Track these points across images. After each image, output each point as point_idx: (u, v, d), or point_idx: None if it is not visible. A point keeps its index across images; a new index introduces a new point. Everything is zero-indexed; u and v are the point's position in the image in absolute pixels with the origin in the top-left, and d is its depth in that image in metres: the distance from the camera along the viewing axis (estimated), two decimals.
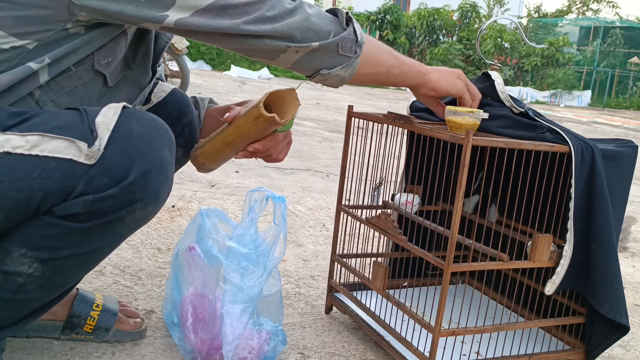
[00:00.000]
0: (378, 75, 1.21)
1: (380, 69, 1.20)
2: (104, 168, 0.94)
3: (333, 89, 13.11)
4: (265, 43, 1.06)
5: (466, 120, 1.24)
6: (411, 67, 1.26)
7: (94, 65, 1.06)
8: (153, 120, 1.03)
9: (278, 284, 1.34)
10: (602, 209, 1.28)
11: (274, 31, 1.05)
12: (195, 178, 3.02)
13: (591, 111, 16.55)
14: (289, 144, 1.29)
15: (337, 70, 1.13)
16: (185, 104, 1.36)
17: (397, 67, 1.23)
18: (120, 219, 0.99)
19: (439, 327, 1.23)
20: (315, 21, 1.08)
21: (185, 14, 0.99)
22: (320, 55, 1.10)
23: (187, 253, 1.34)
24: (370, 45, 1.17)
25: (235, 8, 1.01)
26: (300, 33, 1.07)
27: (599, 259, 1.29)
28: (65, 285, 1.07)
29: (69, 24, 0.98)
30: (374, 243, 1.74)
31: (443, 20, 19.92)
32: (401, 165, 1.60)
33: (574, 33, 23.51)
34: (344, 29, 1.12)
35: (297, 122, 6.17)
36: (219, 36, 1.04)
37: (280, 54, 1.08)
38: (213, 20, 1.01)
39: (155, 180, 0.99)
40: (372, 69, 1.19)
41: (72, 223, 0.96)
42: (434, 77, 1.29)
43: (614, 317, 1.31)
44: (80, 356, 1.26)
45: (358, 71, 1.16)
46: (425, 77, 1.28)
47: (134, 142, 0.97)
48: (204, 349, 1.24)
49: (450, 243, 1.19)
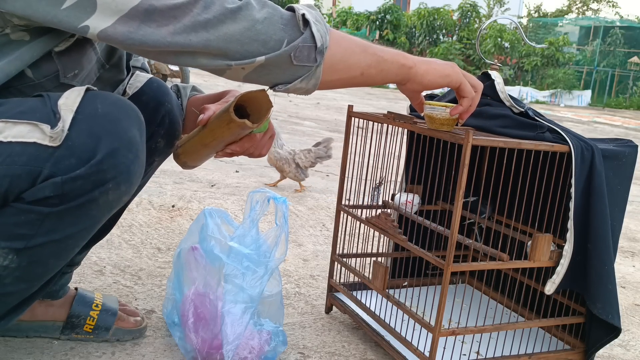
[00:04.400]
0: (352, 79, 1.06)
1: (353, 73, 1.05)
2: (69, 149, 0.92)
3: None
4: (200, 63, 0.93)
5: (442, 115, 1.24)
6: (392, 63, 1.10)
7: (60, 78, 1.02)
8: (119, 99, 1.00)
9: (279, 285, 1.34)
10: (599, 209, 1.28)
11: (207, 46, 0.90)
12: (195, 178, 3.02)
13: (591, 111, 16.55)
14: (271, 138, 1.22)
15: (296, 83, 0.98)
16: (163, 93, 1.29)
17: (375, 66, 1.07)
18: (94, 201, 0.96)
19: (439, 327, 1.23)
20: (262, 29, 0.92)
21: (108, 22, 0.88)
22: (272, 69, 0.95)
23: (190, 252, 1.34)
24: (337, 47, 1.00)
25: (161, 13, 0.88)
26: (242, 46, 0.91)
27: (594, 259, 1.30)
28: (45, 276, 1.04)
29: (8, 29, 0.93)
30: (374, 243, 1.74)
31: (443, 20, 19.94)
32: (401, 165, 1.60)
33: (574, 33, 23.53)
34: (302, 32, 0.95)
35: (297, 122, 6.17)
36: (150, 52, 0.91)
37: (225, 71, 0.95)
38: (137, 30, 0.88)
39: (125, 159, 0.95)
40: (342, 74, 1.03)
41: (43, 208, 0.93)
42: (421, 69, 1.13)
43: (607, 317, 1.32)
44: (80, 356, 1.26)
45: (325, 79, 1.00)
46: (412, 70, 1.12)
47: (99, 122, 0.94)
48: (205, 348, 1.24)
49: (450, 243, 1.19)
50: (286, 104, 7.99)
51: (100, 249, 1.84)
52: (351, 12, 21.06)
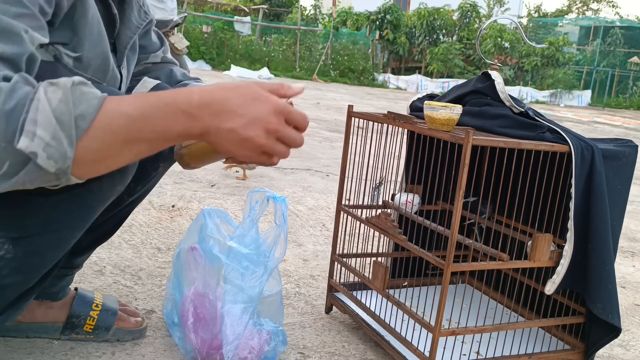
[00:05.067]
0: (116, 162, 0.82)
1: (124, 160, 0.82)
2: None
3: (332, 89, 13.12)
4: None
5: (441, 115, 1.25)
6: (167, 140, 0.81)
7: None
8: (112, 91, 0.99)
9: (279, 284, 1.34)
10: (600, 209, 1.28)
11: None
12: (195, 178, 3.02)
13: (591, 111, 16.55)
14: None
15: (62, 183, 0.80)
16: None
17: (134, 140, 0.79)
18: (88, 190, 0.96)
19: (439, 327, 1.23)
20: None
21: None
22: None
23: (189, 253, 1.34)
24: (90, 155, 0.77)
25: None
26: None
27: (594, 259, 1.30)
28: (42, 268, 1.03)
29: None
30: (374, 243, 1.74)
31: (443, 20, 19.92)
32: (401, 165, 1.60)
33: (574, 33, 23.52)
34: (24, 165, 0.74)
35: None
36: None
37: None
38: None
39: None
40: (112, 165, 0.82)
41: (37, 197, 0.93)
42: (214, 125, 0.80)
43: (607, 317, 1.32)
44: (80, 356, 1.26)
45: (91, 172, 0.81)
46: (197, 126, 0.80)
47: None
48: (205, 348, 1.24)
49: (450, 243, 1.19)
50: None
51: (100, 249, 1.84)
52: (351, 12, 21.06)
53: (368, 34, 19.09)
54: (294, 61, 17.14)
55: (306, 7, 21.80)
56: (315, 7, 21.35)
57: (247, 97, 0.81)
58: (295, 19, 19.02)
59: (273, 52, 17.48)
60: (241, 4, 22.15)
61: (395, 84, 17.67)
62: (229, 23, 17.50)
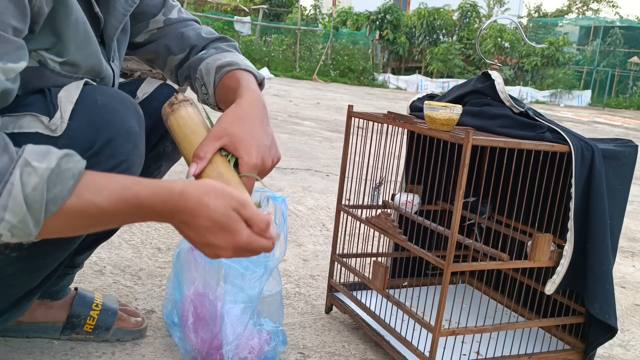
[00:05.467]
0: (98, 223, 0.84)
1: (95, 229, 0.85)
2: (70, 139, 0.93)
3: (332, 89, 13.11)
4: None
5: (441, 115, 1.25)
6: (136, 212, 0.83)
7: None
8: (117, 92, 1.01)
9: (279, 284, 1.34)
10: (599, 209, 1.28)
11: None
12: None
13: (591, 111, 16.55)
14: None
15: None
16: None
17: (100, 225, 0.84)
18: None
19: (439, 327, 1.23)
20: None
21: None
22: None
23: (189, 253, 1.34)
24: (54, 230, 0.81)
25: None
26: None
27: (592, 259, 1.30)
28: (46, 268, 1.03)
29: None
30: (374, 243, 1.74)
31: (443, 20, 19.92)
32: (401, 165, 1.60)
33: (574, 33, 23.52)
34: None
35: (297, 122, 6.17)
36: None
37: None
38: None
39: (124, 149, 0.97)
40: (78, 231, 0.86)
41: None
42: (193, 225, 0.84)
43: (604, 317, 1.32)
44: (80, 356, 1.26)
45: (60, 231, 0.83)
46: (164, 221, 0.86)
47: (98, 112, 0.96)
48: (205, 348, 1.24)
49: (450, 243, 1.19)
50: (286, 104, 7.99)
51: (100, 248, 1.84)
52: (351, 12, 21.07)
53: (368, 34, 19.10)
54: (294, 61, 17.14)
55: (306, 7, 21.80)
56: (315, 7, 21.33)
57: (216, 224, 0.84)
58: (295, 19, 19.01)
59: (273, 52, 17.48)
60: (241, 4, 22.16)
61: (395, 84, 17.67)
62: (229, 23, 17.51)
